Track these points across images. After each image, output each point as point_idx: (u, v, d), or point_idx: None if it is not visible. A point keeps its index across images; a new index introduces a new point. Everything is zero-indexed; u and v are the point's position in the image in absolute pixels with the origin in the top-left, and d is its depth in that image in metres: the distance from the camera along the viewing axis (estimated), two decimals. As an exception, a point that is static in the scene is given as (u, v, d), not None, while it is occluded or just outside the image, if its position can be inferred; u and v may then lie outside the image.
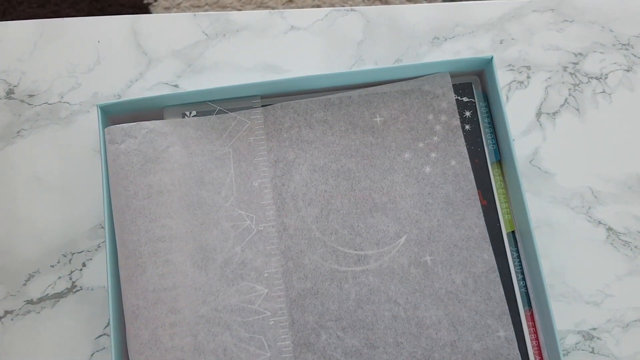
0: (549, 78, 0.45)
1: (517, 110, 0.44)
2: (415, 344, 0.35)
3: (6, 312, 0.41)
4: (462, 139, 0.38)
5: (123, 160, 0.36)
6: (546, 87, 0.45)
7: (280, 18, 0.46)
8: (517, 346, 0.35)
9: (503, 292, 0.36)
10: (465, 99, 0.39)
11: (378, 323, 0.35)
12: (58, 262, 0.42)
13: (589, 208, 0.42)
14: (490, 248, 0.36)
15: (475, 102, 0.39)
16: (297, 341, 0.35)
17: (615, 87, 0.45)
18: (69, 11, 1.13)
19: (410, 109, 0.38)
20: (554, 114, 0.44)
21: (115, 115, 0.39)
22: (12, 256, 0.42)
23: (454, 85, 0.39)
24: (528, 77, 0.45)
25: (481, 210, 0.37)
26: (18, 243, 0.42)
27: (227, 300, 0.35)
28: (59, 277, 0.42)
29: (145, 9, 1.15)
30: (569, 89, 0.45)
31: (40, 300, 0.41)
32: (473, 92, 0.39)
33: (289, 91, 0.39)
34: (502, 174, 0.39)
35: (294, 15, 0.47)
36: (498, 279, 0.36)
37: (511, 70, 0.45)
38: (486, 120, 0.39)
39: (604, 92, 0.45)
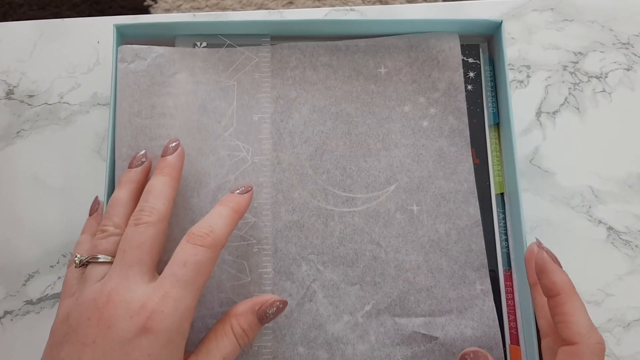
0: (549, 77, 0.45)
1: (517, 110, 0.44)
2: (392, 285, 0.36)
3: (6, 313, 0.41)
4: (463, 95, 0.38)
5: (131, 79, 0.37)
6: (546, 87, 0.45)
7: (279, 18, 0.46)
8: (492, 298, 0.36)
9: (484, 246, 0.36)
10: (470, 60, 0.39)
11: (358, 261, 0.36)
12: (57, 263, 0.42)
13: (590, 207, 0.42)
14: (477, 203, 0.37)
15: (480, 64, 0.39)
16: (277, 269, 0.36)
17: (616, 86, 0.45)
18: (70, 13, 1.13)
19: (415, 62, 0.39)
20: (554, 113, 0.44)
21: (130, 38, 0.40)
22: (12, 256, 0.42)
23: (462, 46, 0.39)
24: (528, 76, 0.45)
25: (472, 167, 0.38)
26: (17, 243, 0.42)
27: None
28: (59, 278, 0.42)
29: (145, 11, 1.15)
30: (569, 88, 0.45)
31: (39, 300, 0.41)
32: (479, 54, 0.40)
33: (299, 34, 0.40)
34: (499, 137, 0.39)
35: (293, 15, 0.47)
36: (481, 234, 0.36)
37: (511, 69, 0.45)
38: (489, 84, 0.39)
39: (604, 91, 0.45)
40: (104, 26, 0.46)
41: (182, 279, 0.28)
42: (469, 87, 0.39)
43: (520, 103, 0.44)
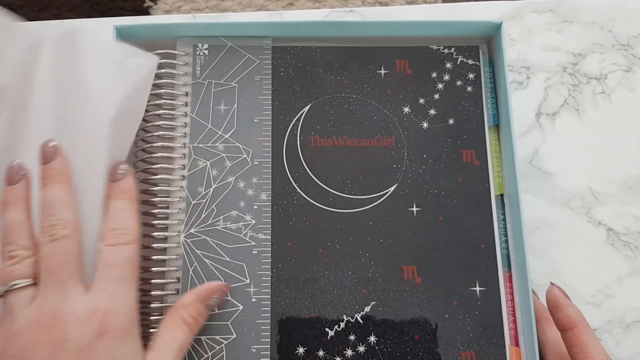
0: (549, 79, 0.45)
1: (516, 111, 0.44)
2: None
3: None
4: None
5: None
6: (546, 88, 0.45)
7: (279, 19, 0.47)
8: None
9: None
10: (470, 62, 0.40)
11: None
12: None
13: (589, 208, 0.42)
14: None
15: (479, 66, 0.40)
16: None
17: (615, 87, 0.45)
18: (70, 15, 1.13)
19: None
20: (553, 114, 0.44)
21: (130, 39, 0.39)
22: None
23: (461, 47, 0.40)
24: (527, 77, 0.45)
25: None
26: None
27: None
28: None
29: (145, 13, 1.15)
30: (569, 90, 0.45)
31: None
32: (479, 55, 0.40)
33: (300, 35, 0.40)
34: (498, 138, 0.39)
35: (293, 16, 0.47)
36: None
37: (511, 71, 0.45)
38: (489, 86, 0.39)
39: (603, 92, 0.45)
40: (104, 28, 0.46)
41: (120, 277, 0.29)
42: (469, 88, 0.39)
43: (520, 104, 0.44)
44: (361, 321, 0.35)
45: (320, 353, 0.35)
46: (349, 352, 0.35)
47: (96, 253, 0.30)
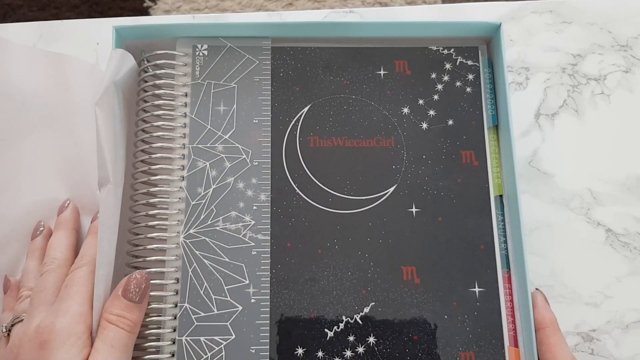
0: (548, 79, 0.45)
1: (515, 112, 0.44)
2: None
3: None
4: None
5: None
6: (545, 89, 0.45)
7: (279, 20, 0.47)
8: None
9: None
10: (469, 62, 0.40)
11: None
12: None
13: (588, 209, 0.42)
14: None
15: (479, 67, 0.40)
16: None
17: (614, 88, 0.45)
18: (69, 14, 1.13)
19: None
20: (552, 115, 0.44)
21: (129, 40, 0.39)
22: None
23: (461, 48, 0.40)
24: (527, 78, 0.45)
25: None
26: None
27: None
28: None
29: (145, 13, 1.15)
30: (568, 90, 0.45)
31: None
32: (478, 56, 0.40)
33: (300, 36, 0.40)
34: (498, 139, 0.39)
35: (292, 16, 0.47)
36: None
37: (510, 71, 0.45)
38: (488, 86, 0.40)
39: (602, 93, 0.45)
40: (103, 28, 0.46)
41: (62, 297, 0.33)
42: (468, 89, 0.39)
43: (519, 105, 0.44)
44: (360, 322, 0.35)
45: (320, 354, 0.35)
46: (348, 353, 0.35)
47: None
